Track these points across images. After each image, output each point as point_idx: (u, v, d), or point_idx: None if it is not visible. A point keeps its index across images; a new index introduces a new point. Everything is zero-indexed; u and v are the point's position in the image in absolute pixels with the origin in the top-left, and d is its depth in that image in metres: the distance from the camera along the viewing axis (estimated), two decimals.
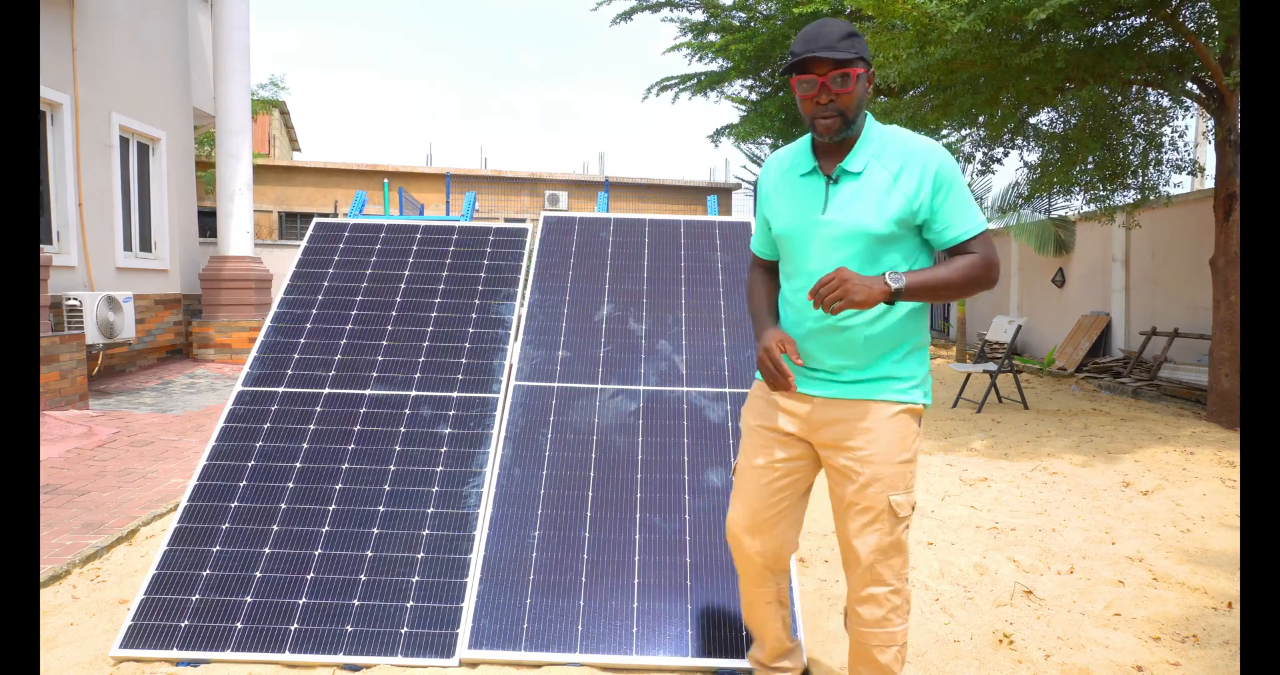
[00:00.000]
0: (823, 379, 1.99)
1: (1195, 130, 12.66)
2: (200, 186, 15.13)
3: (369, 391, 3.25)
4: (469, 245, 3.89)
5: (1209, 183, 11.06)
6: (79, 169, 7.82)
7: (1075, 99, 7.36)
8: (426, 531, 2.80)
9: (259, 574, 2.67)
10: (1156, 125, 7.63)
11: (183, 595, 2.62)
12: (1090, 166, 7.78)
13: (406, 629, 2.53)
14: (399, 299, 3.62)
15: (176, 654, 2.47)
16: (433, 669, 2.43)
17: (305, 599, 2.61)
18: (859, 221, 1.88)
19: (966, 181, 11.19)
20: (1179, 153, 7.75)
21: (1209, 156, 11.82)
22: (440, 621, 2.55)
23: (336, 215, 17.77)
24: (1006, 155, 8.80)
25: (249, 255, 10.16)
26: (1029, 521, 4.05)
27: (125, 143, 8.95)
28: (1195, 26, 6.55)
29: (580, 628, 2.52)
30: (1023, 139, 8.32)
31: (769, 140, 17.14)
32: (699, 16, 14.68)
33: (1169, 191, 8.37)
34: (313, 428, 3.12)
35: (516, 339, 3.46)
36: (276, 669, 2.44)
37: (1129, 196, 8.10)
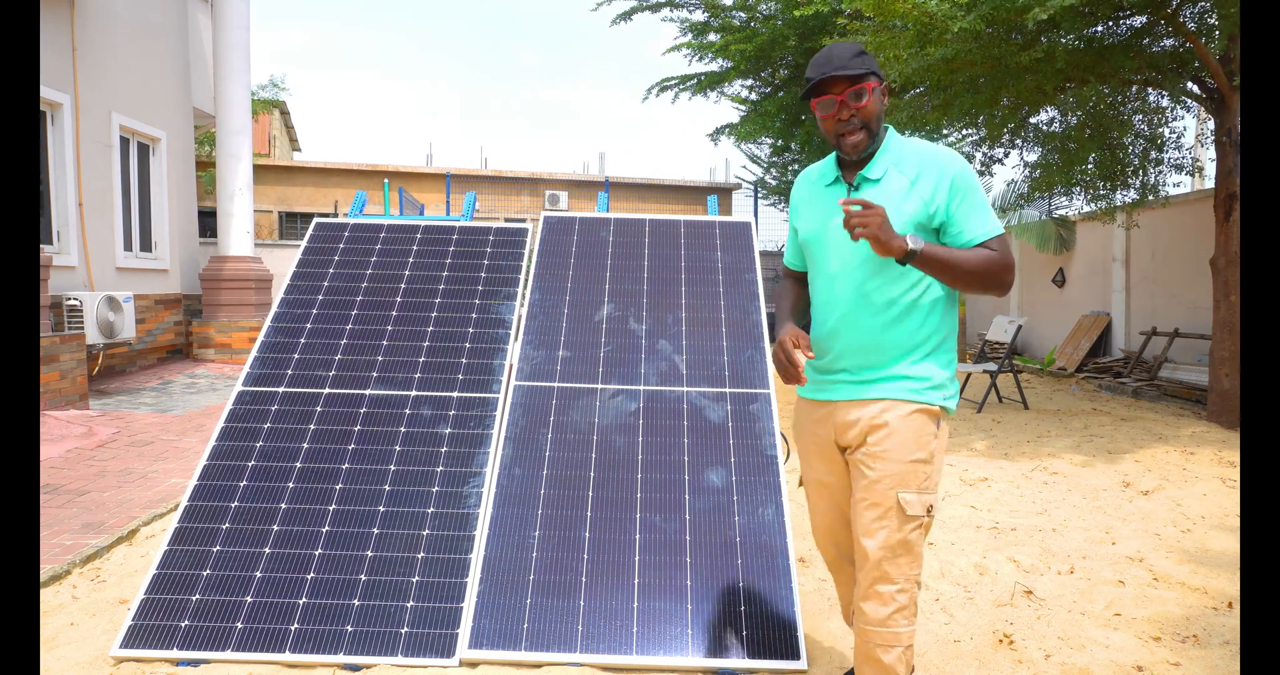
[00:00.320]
0: (845, 382, 2.03)
1: (1195, 130, 12.66)
2: (200, 186, 15.13)
3: (369, 391, 3.25)
4: (469, 245, 3.89)
5: (1209, 183, 11.06)
6: (79, 169, 7.82)
7: (1075, 99, 7.36)
8: (427, 531, 2.80)
9: (259, 574, 2.67)
10: (1156, 125, 7.63)
11: (183, 595, 2.62)
12: (1090, 166, 7.78)
13: (407, 629, 2.53)
14: (399, 299, 3.62)
15: (177, 654, 2.47)
16: (433, 669, 2.43)
17: (305, 599, 2.61)
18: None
19: None
20: (1180, 152, 7.75)
21: (1209, 156, 11.82)
22: (440, 621, 2.55)
23: (336, 215, 17.77)
24: (1007, 155, 8.80)
25: (249, 255, 10.16)
26: (1029, 521, 4.05)
27: (125, 143, 8.95)
28: (1195, 26, 6.55)
29: (580, 628, 2.52)
30: (1022, 139, 8.32)
31: (769, 140, 17.15)
32: (699, 16, 14.68)
33: (1168, 191, 8.37)
34: (313, 428, 3.12)
35: (516, 339, 3.46)
36: (277, 669, 2.44)
37: (1129, 196, 8.10)
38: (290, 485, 2.94)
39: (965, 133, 9.19)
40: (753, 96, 16.05)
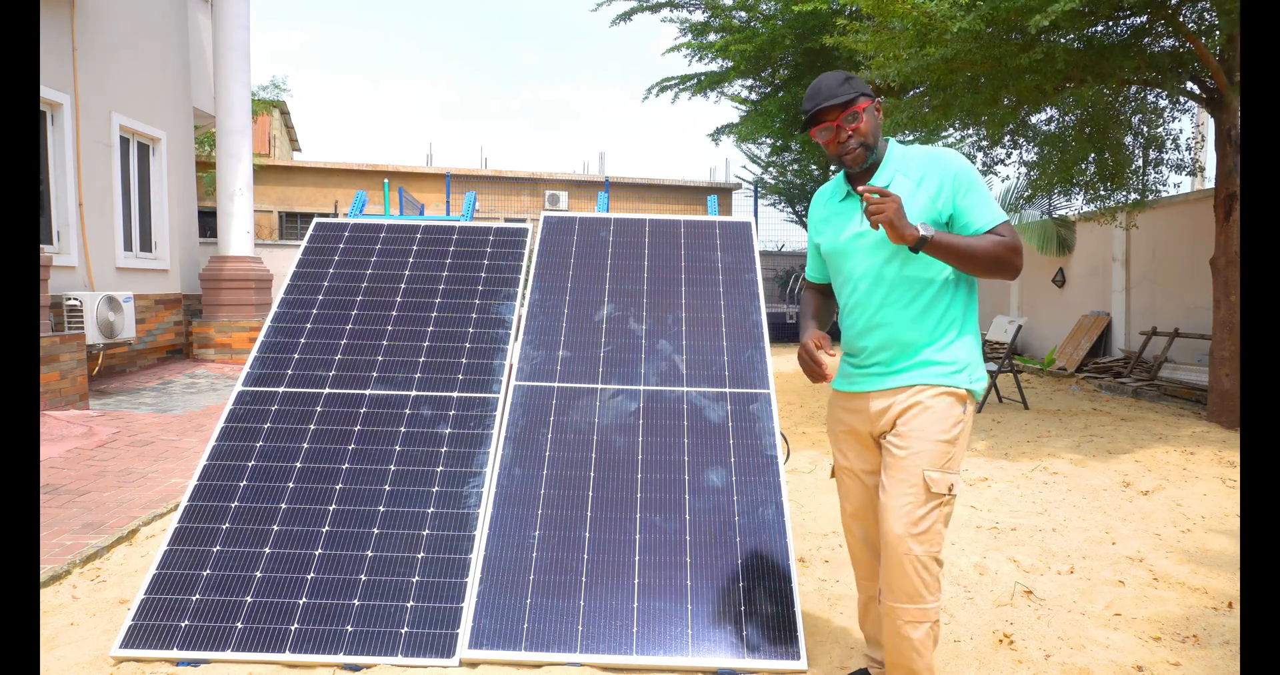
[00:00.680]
0: (875, 374, 2.15)
1: (1195, 130, 12.67)
2: (200, 186, 15.13)
3: (369, 391, 3.25)
4: (469, 245, 3.89)
5: (1209, 183, 11.06)
6: (79, 169, 7.82)
7: (1074, 99, 7.36)
8: (427, 531, 2.80)
9: (259, 574, 2.67)
10: (1155, 125, 7.63)
11: (183, 595, 2.62)
12: (1090, 167, 7.77)
13: (407, 629, 2.53)
14: (399, 299, 3.62)
15: (177, 654, 2.47)
16: (433, 669, 2.43)
17: (305, 599, 2.61)
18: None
19: None
20: (1180, 153, 7.75)
21: (1209, 156, 11.82)
22: (440, 621, 2.55)
23: (337, 215, 17.77)
24: (1008, 156, 8.80)
25: (249, 255, 10.16)
26: (1029, 521, 4.05)
27: (125, 143, 8.95)
28: (1195, 26, 6.55)
29: (580, 628, 2.52)
30: (1023, 139, 8.32)
31: (769, 140, 17.15)
32: (699, 17, 14.68)
33: (1166, 191, 8.37)
34: (313, 428, 3.12)
35: (516, 339, 3.46)
36: (276, 669, 2.44)
37: (1129, 197, 8.10)
38: (290, 485, 2.94)
39: (965, 133, 9.19)
40: (753, 96, 16.05)
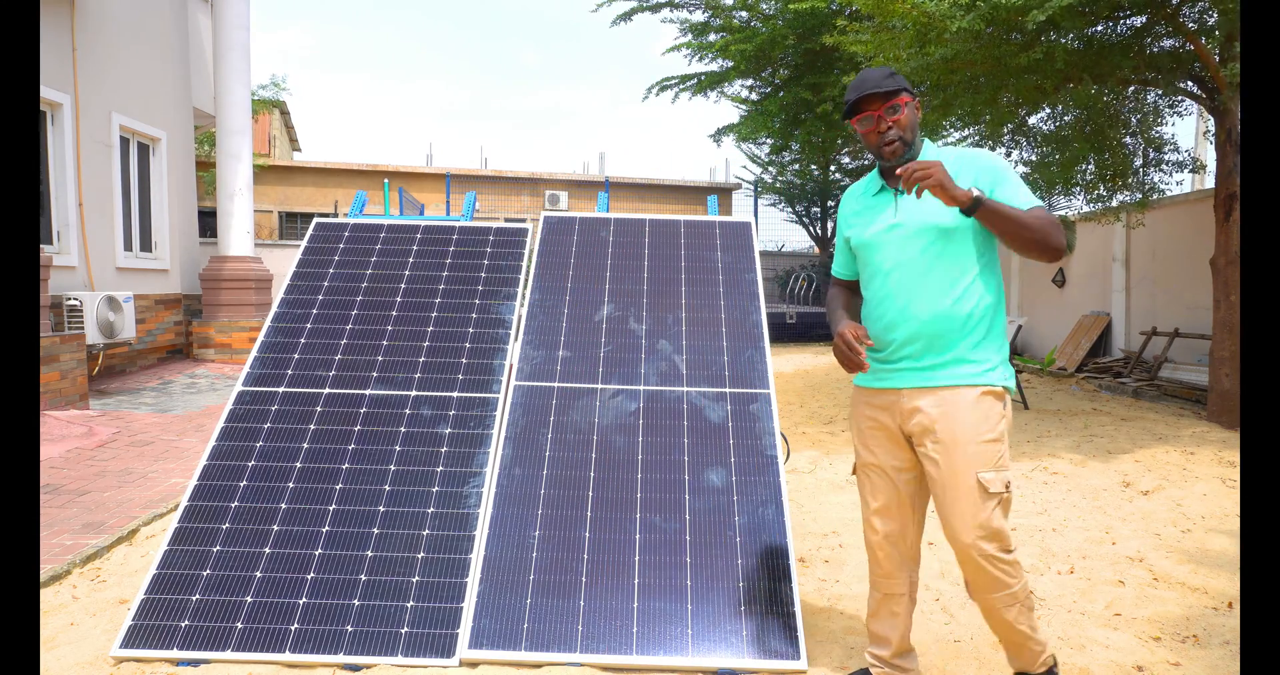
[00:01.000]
0: (907, 370, 2.15)
1: (1196, 130, 12.66)
2: (200, 186, 15.13)
3: (369, 391, 3.26)
4: (469, 245, 3.89)
5: (1209, 183, 11.06)
6: (79, 169, 7.82)
7: (1074, 98, 7.36)
8: (427, 531, 2.80)
9: (259, 574, 2.68)
10: (1154, 125, 7.62)
11: (183, 595, 2.62)
12: (1090, 166, 7.77)
13: (407, 629, 2.53)
14: (399, 299, 3.62)
15: (177, 654, 2.47)
16: (433, 669, 2.43)
17: (305, 599, 2.61)
18: (926, 218, 2.12)
19: None
20: (1180, 154, 7.75)
21: (1209, 156, 11.82)
22: (440, 621, 2.55)
23: (337, 215, 17.77)
24: (1008, 156, 8.80)
25: (249, 255, 10.16)
26: (1029, 521, 4.05)
27: (125, 143, 8.95)
28: (1195, 26, 6.55)
29: (580, 628, 2.52)
30: (1023, 139, 8.32)
31: (769, 140, 17.15)
32: (699, 17, 14.68)
33: (1169, 191, 8.36)
34: (313, 428, 3.12)
35: (516, 339, 3.46)
36: (277, 669, 2.44)
37: (1128, 197, 8.10)
38: (290, 485, 2.94)
39: (965, 133, 9.19)
40: (753, 96, 16.03)
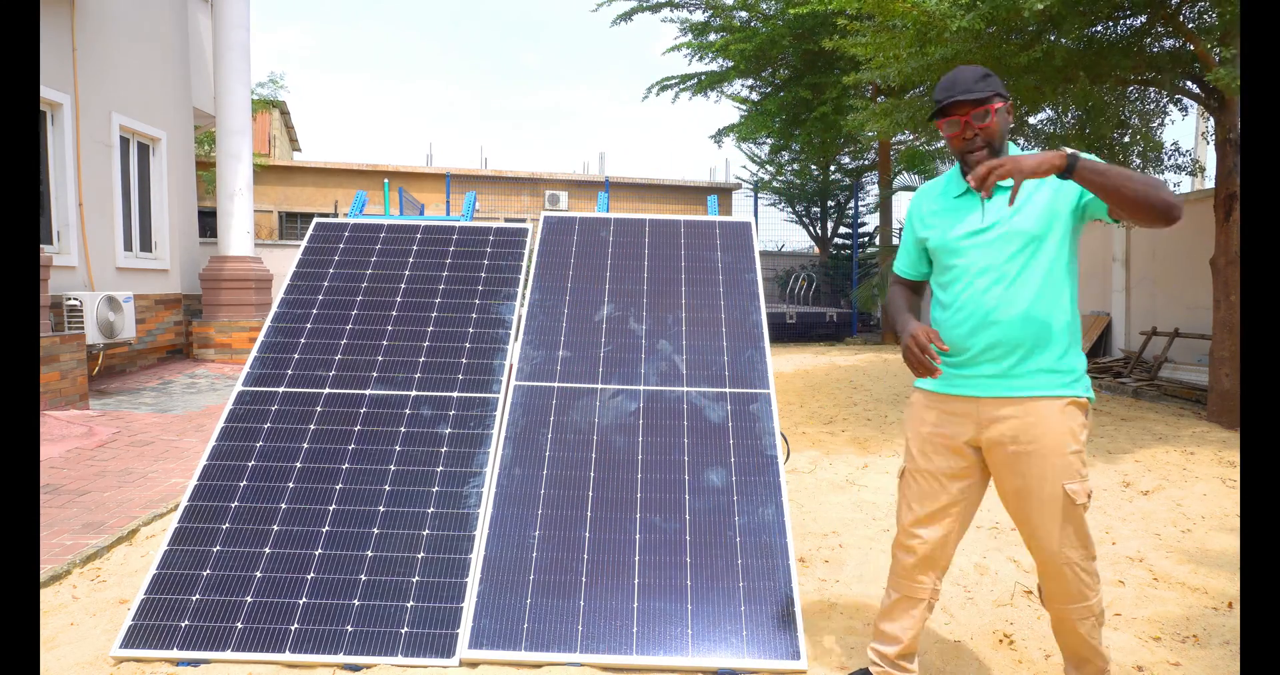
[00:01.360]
0: (986, 377, 2.10)
1: (1195, 130, 12.66)
2: (200, 186, 15.13)
3: (369, 391, 3.26)
4: (469, 245, 3.89)
5: (1209, 183, 11.06)
6: (79, 169, 7.82)
7: (1074, 98, 7.36)
8: (427, 531, 2.80)
9: (259, 574, 2.67)
10: (1154, 126, 7.62)
11: (183, 595, 2.62)
12: None
13: (407, 629, 2.53)
14: (399, 299, 3.62)
15: (177, 654, 2.47)
16: (433, 669, 2.43)
17: (305, 599, 2.61)
18: (1015, 224, 2.06)
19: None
20: (1181, 157, 7.75)
21: (1209, 156, 11.82)
22: (440, 621, 2.55)
23: (336, 215, 17.77)
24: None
25: (249, 255, 10.16)
26: None
27: (125, 143, 8.95)
28: (1195, 26, 6.55)
29: (580, 628, 2.52)
30: (1023, 139, 8.32)
31: (769, 140, 17.15)
32: (699, 16, 14.68)
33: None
34: (313, 428, 3.12)
35: (516, 339, 3.46)
36: (277, 669, 2.44)
37: None
38: (290, 485, 2.94)
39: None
40: (753, 96, 16.03)
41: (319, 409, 3.19)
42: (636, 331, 3.46)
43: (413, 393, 3.25)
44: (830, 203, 19.10)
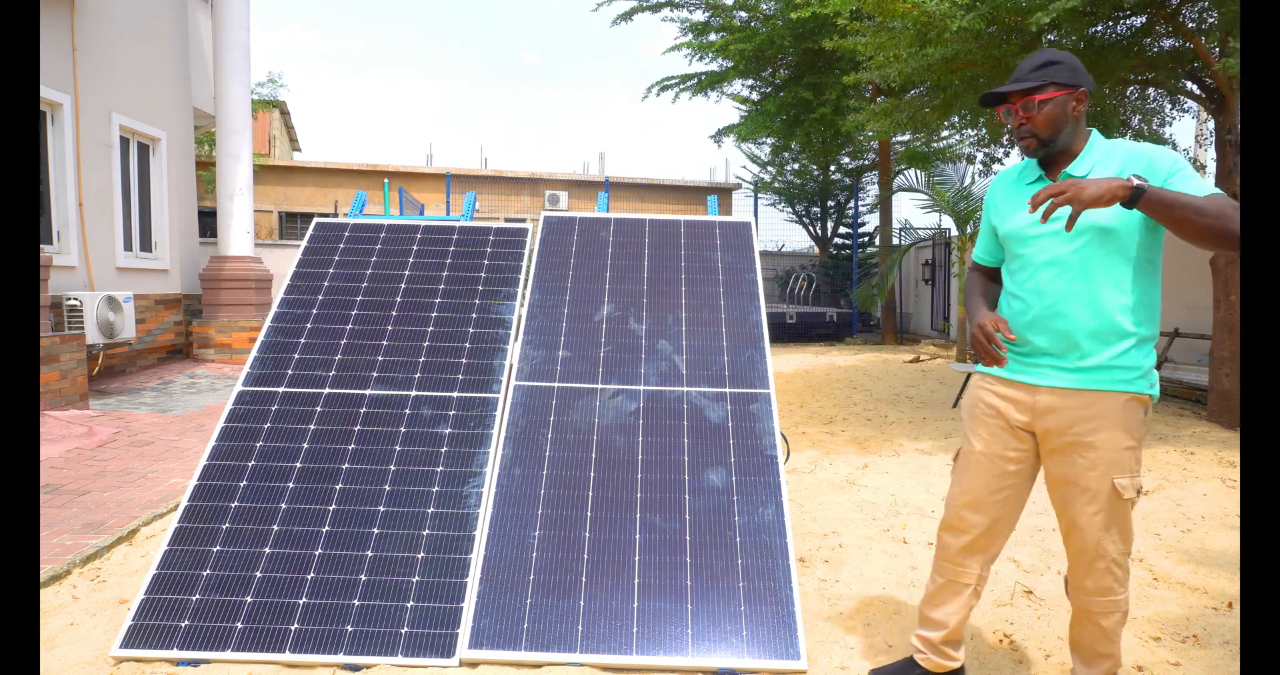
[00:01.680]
0: (1049, 367, 2.10)
1: (1196, 130, 12.65)
2: (200, 186, 15.13)
3: (369, 391, 3.26)
4: (469, 245, 3.89)
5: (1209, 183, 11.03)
6: (79, 169, 7.82)
7: None
8: (427, 531, 2.80)
9: (259, 574, 2.67)
10: (1154, 125, 7.63)
11: (183, 595, 2.62)
12: None
13: (407, 629, 2.53)
14: (399, 299, 3.62)
15: (177, 654, 2.47)
16: (433, 669, 2.43)
17: (305, 599, 2.61)
18: (1085, 215, 2.01)
19: (968, 182, 11.16)
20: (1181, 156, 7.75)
21: (1209, 156, 11.81)
22: (440, 621, 2.55)
23: (336, 215, 17.77)
24: (1007, 155, 8.80)
25: (249, 255, 10.17)
26: (1029, 521, 4.05)
27: (125, 143, 8.95)
28: (1195, 26, 6.55)
29: (580, 628, 2.52)
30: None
31: (769, 140, 17.16)
32: (699, 16, 14.69)
33: None
34: (313, 428, 3.12)
35: (516, 339, 3.46)
36: (277, 669, 2.44)
37: None
38: (290, 485, 2.94)
39: (966, 133, 9.19)
40: (753, 96, 16.04)
41: (319, 409, 3.19)
42: (636, 331, 3.46)
43: (413, 393, 3.25)
44: (830, 203, 19.10)
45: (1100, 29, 6.75)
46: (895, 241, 15.35)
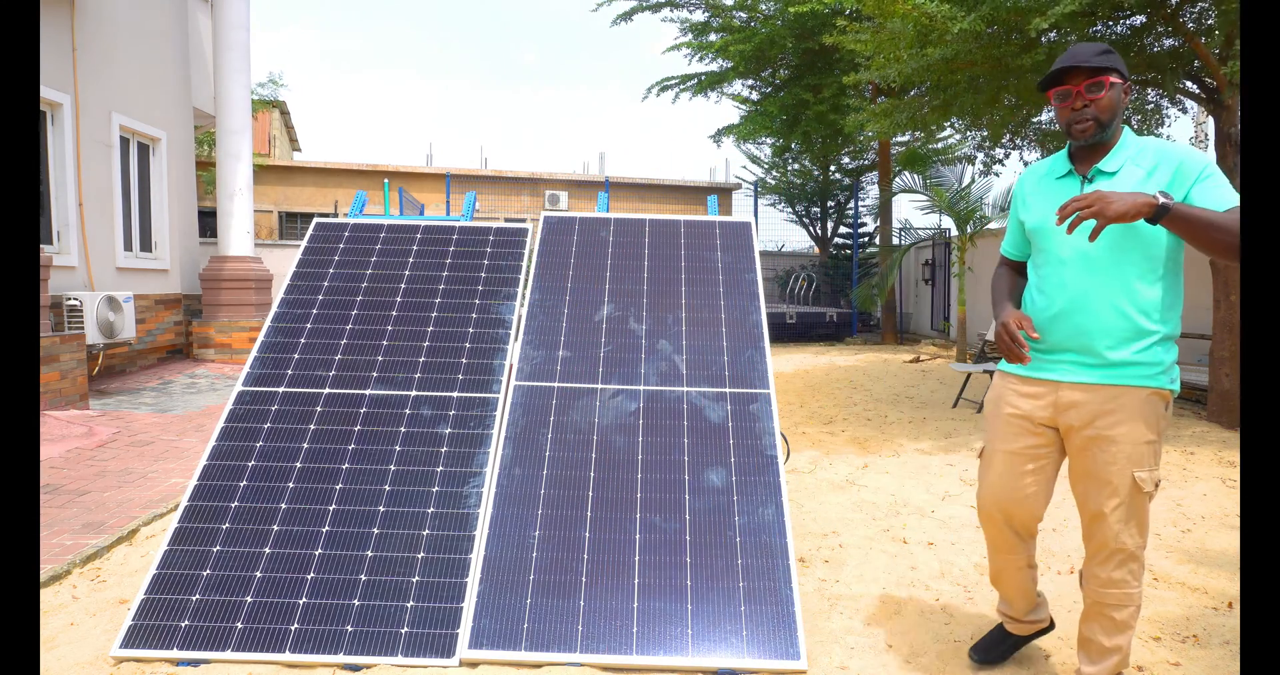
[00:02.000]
0: (1070, 363, 2.13)
1: (1195, 130, 12.65)
2: (200, 186, 15.13)
3: (369, 391, 3.26)
4: (469, 245, 3.89)
5: None
6: (79, 169, 7.82)
7: None
8: (427, 531, 2.80)
9: (259, 574, 2.67)
10: (1154, 126, 7.63)
11: (183, 595, 2.62)
12: None
13: (407, 629, 2.53)
14: (399, 299, 3.62)
15: (177, 654, 2.47)
16: (433, 669, 2.43)
17: (305, 599, 2.61)
18: None
19: (968, 182, 11.16)
20: None
21: (1209, 156, 11.81)
22: (440, 621, 2.55)
23: (336, 215, 17.77)
24: (1007, 156, 8.80)
25: (249, 255, 10.17)
26: None
27: (125, 143, 8.95)
28: (1195, 26, 6.55)
29: (580, 628, 2.52)
30: (1023, 139, 8.32)
31: (769, 140, 17.16)
32: (699, 16, 14.70)
33: None
34: (313, 428, 3.12)
35: (516, 339, 3.46)
36: (277, 669, 2.44)
37: None
38: (290, 485, 2.94)
39: (967, 133, 9.19)
40: (753, 96, 16.04)
41: (319, 409, 3.19)
42: (636, 331, 3.46)
43: (413, 393, 3.25)
44: (830, 203, 19.10)
45: (1100, 29, 6.75)
46: (895, 241, 15.34)
